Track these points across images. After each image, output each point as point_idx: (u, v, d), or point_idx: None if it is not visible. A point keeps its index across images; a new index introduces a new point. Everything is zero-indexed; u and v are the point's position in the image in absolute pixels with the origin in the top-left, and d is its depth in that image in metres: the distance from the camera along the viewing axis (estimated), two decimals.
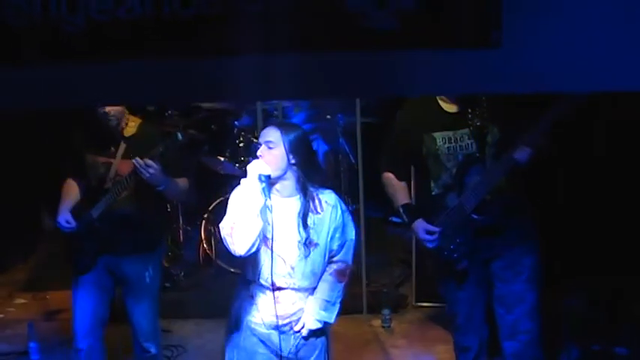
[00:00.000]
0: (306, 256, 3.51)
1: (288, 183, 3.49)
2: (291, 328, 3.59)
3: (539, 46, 1.88)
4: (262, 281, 3.54)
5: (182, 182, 4.31)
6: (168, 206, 5.50)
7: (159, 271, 4.50)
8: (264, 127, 3.59)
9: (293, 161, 3.45)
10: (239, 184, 3.42)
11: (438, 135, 3.86)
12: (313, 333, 3.62)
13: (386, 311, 5.74)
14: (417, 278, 5.95)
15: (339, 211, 3.60)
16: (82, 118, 4.29)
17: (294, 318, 3.59)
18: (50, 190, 4.54)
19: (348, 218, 3.66)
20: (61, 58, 2.11)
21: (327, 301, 3.60)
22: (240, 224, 3.33)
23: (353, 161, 6.57)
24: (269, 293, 3.55)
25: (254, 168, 3.37)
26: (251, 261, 3.53)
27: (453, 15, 1.85)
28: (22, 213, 6.68)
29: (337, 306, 3.65)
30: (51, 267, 6.38)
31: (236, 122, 6.56)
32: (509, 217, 3.91)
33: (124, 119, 4.20)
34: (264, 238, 3.44)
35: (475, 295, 4.05)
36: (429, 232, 3.94)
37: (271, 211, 3.41)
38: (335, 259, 3.62)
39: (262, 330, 3.60)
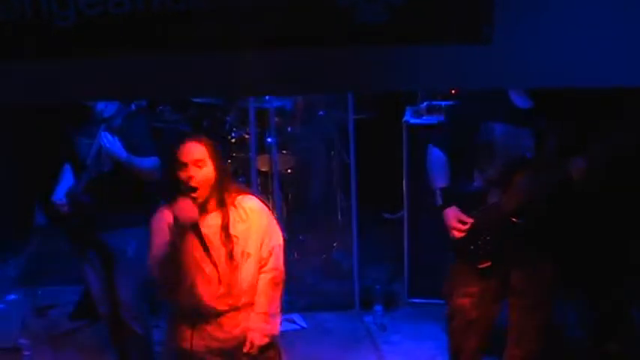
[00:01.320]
0: (240, 268, 3.42)
1: (208, 198, 3.39)
2: (239, 352, 3.50)
3: (530, 42, 1.88)
4: (201, 308, 3.44)
5: (146, 160, 4.33)
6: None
7: (144, 247, 4.46)
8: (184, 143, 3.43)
9: (219, 177, 3.39)
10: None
11: (498, 126, 3.73)
12: (264, 348, 3.54)
13: (378, 307, 5.73)
14: (410, 274, 5.94)
15: (264, 215, 3.52)
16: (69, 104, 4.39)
17: (241, 340, 3.51)
18: (43, 185, 4.62)
19: (274, 222, 3.57)
20: (52, 53, 2.10)
21: (268, 314, 3.52)
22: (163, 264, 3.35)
23: (345, 157, 6.56)
24: (212, 320, 3.47)
25: (183, 212, 3.28)
26: (186, 289, 3.43)
27: (444, 10, 1.84)
28: (12, 208, 6.65)
29: (279, 316, 3.58)
30: (42, 263, 6.37)
31: (227, 118, 6.54)
32: (543, 227, 3.79)
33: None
34: (193, 262, 3.38)
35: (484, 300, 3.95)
36: (460, 221, 3.81)
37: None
38: (266, 268, 3.52)
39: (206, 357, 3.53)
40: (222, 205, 3.40)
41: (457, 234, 3.82)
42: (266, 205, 3.67)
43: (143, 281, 4.42)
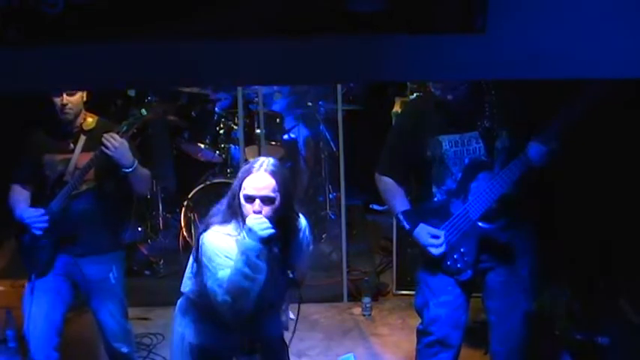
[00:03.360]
0: (277, 274, 3.28)
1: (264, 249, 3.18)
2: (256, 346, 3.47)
3: (524, 32, 1.85)
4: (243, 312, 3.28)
5: (146, 171, 4.17)
6: (130, 202, 5.35)
7: (123, 271, 4.33)
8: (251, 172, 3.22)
9: (284, 210, 3.24)
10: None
11: (444, 138, 3.68)
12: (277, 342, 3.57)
13: (366, 299, 5.74)
14: (398, 266, 5.94)
15: (308, 229, 3.49)
16: (37, 115, 4.15)
17: (258, 335, 3.47)
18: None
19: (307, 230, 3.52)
20: (39, 40, 2.07)
21: (284, 309, 3.55)
22: (239, 294, 3.13)
23: (334, 148, 6.55)
24: (238, 320, 3.33)
25: (258, 227, 3.09)
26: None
27: None
28: None
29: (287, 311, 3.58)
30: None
31: (216, 108, 6.52)
32: (514, 227, 3.76)
33: (81, 115, 4.06)
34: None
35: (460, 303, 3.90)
36: (434, 237, 3.74)
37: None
38: (295, 268, 3.36)
39: (225, 353, 3.48)
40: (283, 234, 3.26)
41: (435, 250, 3.75)
42: None
43: (124, 304, 4.33)
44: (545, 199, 4.12)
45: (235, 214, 3.21)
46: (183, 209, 6.21)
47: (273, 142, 6.26)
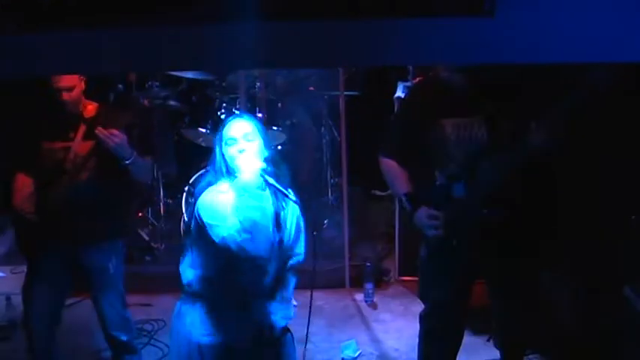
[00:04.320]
0: (277, 256, 3.32)
1: (260, 181, 3.25)
2: (266, 341, 3.43)
3: (533, 15, 1.82)
4: (239, 292, 3.33)
5: (148, 160, 4.17)
6: (131, 190, 5.35)
7: (122, 260, 4.32)
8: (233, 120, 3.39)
9: (266, 155, 3.29)
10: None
11: (447, 122, 3.65)
12: (283, 331, 3.50)
13: (369, 285, 5.73)
14: (400, 252, 5.93)
15: (296, 206, 3.43)
16: (38, 103, 4.12)
17: (263, 324, 3.42)
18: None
19: (299, 211, 3.50)
20: (35, 28, 2.04)
21: (289, 299, 3.48)
22: (256, 228, 3.13)
23: (336, 134, 6.52)
24: (247, 305, 3.34)
25: (248, 161, 3.20)
26: (224, 271, 3.30)
27: None
28: None
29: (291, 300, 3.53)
30: None
31: (217, 93, 6.47)
32: (516, 213, 3.71)
33: (81, 103, 4.05)
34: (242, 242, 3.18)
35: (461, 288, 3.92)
36: (432, 217, 3.71)
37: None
38: (294, 251, 3.43)
39: (236, 347, 3.40)
40: (273, 190, 3.30)
41: (433, 232, 3.73)
42: None
43: (123, 292, 4.33)
44: (548, 187, 4.08)
45: (223, 169, 3.29)
46: (185, 195, 6.18)
47: (275, 128, 6.22)
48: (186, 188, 6.17)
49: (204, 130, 6.23)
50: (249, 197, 3.15)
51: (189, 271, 3.40)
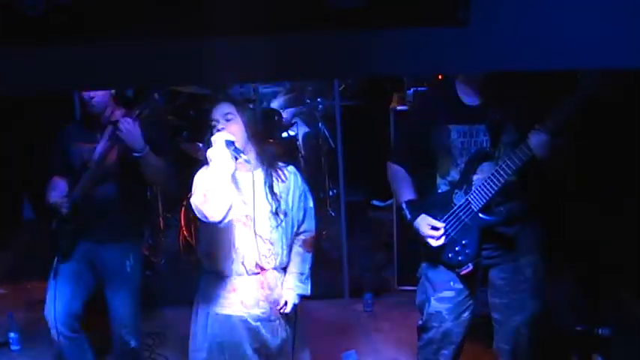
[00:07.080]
0: (278, 226, 3.53)
1: (250, 156, 3.48)
2: (275, 315, 3.62)
3: (508, 24, 1.84)
4: (245, 265, 3.52)
5: (160, 160, 4.23)
6: (149, 194, 5.45)
7: (140, 262, 4.44)
8: (217, 104, 3.64)
9: (251, 132, 3.50)
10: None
11: (453, 127, 3.67)
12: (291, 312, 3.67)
13: (368, 295, 5.74)
14: (400, 262, 5.93)
15: (300, 178, 3.67)
16: (67, 106, 4.34)
17: (275, 299, 3.63)
18: (33, 182, 4.52)
19: (306, 186, 3.74)
20: (24, 43, 2.06)
21: (302, 274, 3.69)
22: (213, 189, 3.30)
23: (332, 145, 6.55)
24: (253, 278, 3.56)
25: (219, 136, 3.40)
26: (226, 245, 3.50)
27: None
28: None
29: (309, 278, 3.75)
30: (31, 257, 6.33)
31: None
32: (518, 221, 3.74)
33: (109, 108, 4.17)
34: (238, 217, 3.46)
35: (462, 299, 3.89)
36: (433, 228, 3.72)
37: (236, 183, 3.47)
38: (301, 229, 3.70)
39: (247, 322, 3.58)
40: (265, 163, 3.57)
41: (434, 242, 3.74)
42: None
43: (137, 295, 4.39)
44: (549, 193, 4.09)
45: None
46: (183, 209, 6.21)
47: (272, 140, 6.25)
48: (184, 202, 6.19)
49: (201, 145, 6.25)
50: (231, 158, 3.38)
51: (201, 241, 3.69)
